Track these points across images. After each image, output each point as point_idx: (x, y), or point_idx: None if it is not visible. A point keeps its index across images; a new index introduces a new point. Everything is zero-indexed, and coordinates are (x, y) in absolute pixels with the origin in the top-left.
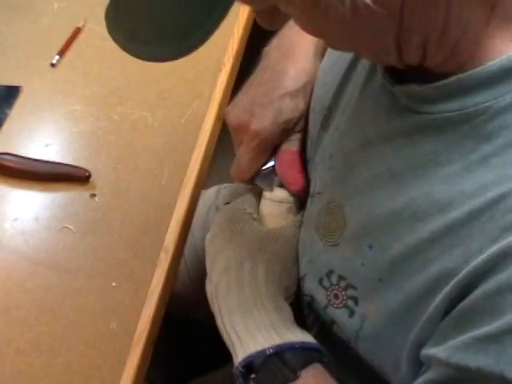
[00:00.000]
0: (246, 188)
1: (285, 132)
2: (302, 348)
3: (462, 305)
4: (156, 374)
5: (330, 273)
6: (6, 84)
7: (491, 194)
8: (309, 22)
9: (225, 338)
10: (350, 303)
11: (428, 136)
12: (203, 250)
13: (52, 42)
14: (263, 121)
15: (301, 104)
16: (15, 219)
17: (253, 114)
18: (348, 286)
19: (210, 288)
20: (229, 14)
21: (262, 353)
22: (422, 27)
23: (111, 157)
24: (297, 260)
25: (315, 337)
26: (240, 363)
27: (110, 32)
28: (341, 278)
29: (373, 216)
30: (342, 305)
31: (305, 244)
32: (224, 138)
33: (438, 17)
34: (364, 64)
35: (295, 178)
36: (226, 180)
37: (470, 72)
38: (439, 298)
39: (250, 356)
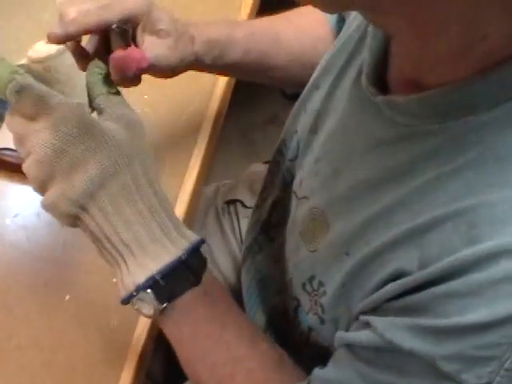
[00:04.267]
0: (244, 185)
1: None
2: (198, 248)
3: (409, 298)
4: (156, 369)
5: (311, 278)
6: None
7: (458, 204)
8: None
9: (114, 255)
10: (320, 310)
11: (408, 146)
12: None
13: None
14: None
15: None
16: (16, 215)
17: None
18: (324, 293)
19: (68, 216)
20: (232, 10)
21: (177, 260)
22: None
23: None
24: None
25: (299, 341)
26: (156, 273)
27: None
28: (321, 284)
29: (351, 224)
30: (315, 312)
31: (290, 248)
32: (224, 135)
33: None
34: (353, 70)
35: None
36: (224, 178)
37: (452, 86)
38: (387, 289)
39: (166, 265)
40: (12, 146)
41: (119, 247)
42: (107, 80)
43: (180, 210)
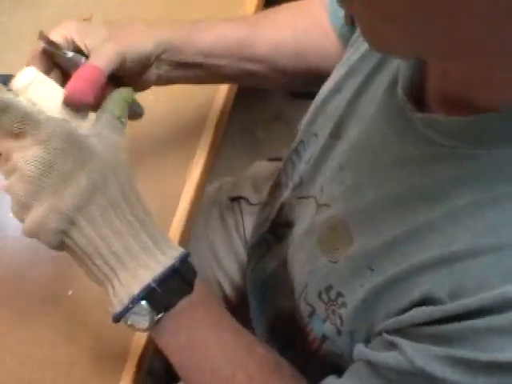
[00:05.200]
0: (248, 182)
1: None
2: (186, 257)
3: (442, 327)
4: (157, 365)
5: (328, 288)
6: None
7: (499, 237)
8: None
9: (104, 270)
10: (338, 322)
11: (442, 168)
12: (205, 245)
13: None
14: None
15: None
16: None
17: None
18: (343, 304)
19: (62, 222)
20: (236, 6)
21: (170, 268)
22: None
23: None
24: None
25: (308, 347)
26: (152, 281)
27: None
28: (339, 294)
29: (376, 240)
30: (333, 322)
31: (305, 254)
32: (227, 133)
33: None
34: (383, 80)
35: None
36: (227, 175)
37: (502, 113)
38: (416, 313)
39: (161, 274)
40: None
41: (110, 260)
42: (125, 108)
43: (183, 206)
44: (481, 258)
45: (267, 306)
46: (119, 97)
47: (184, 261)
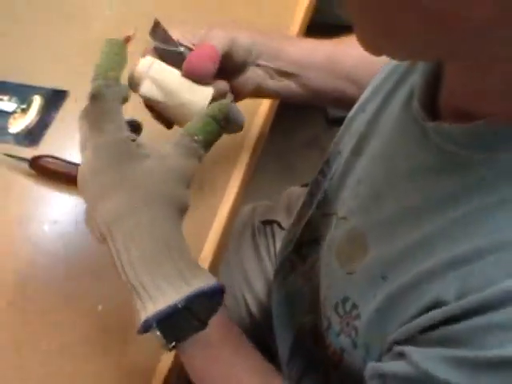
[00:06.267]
0: (281, 207)
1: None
2: (209, 293)
3: (446, 328)
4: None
5: (345, 300)
6: (55, 87)
7: (503, 236)
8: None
9: (129, 288)
10: (353, 333)
11: (452, 176)
12: (236, 265)
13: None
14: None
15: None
16: (55, 222)
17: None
18: (358, 316)
19: (97, 234)
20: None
21: (172, 307)
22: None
23: None
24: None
25: (330, 361)
26: (151, 318)
27: None
28: (354, 306)
29: (390, 249)
30: (348, 334)
31: (325, 267)
32: (262, 158)
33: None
34: (401, 95)
35: (201, 58)
36: (261, 198)
37: (501, 118)
38: (422, 319)
39: (160, 311)
40: (55, 154)
41: (133, 281)
42: (213, 130)
43: (217, 228)
44: (485, 257)
45: (290, 323)
46: (206, 117)
47: (198, 296)
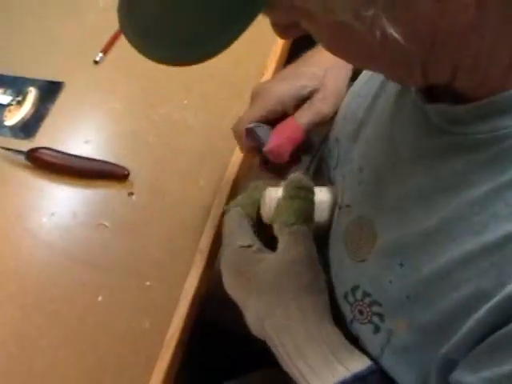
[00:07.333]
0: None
1: (299, 97)
2: (365, 376)
3: (500, 332)
4: (186, 376)
5: (354, 288)
6: (50, 79)
7: None
8: (330, 42)
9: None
10: (376, 319)
11: (459, 157)
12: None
13: (96, 39)
14: (281, 84)
15: (319, 72)
16: (52, 214)
17: (275, 82)
18: (373, 303)
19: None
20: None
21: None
22: (452, 57)
23: (150, 156)
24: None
25: None
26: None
27: (122, 27)
28: (365, 294)
29: (404, 234)
30: (366, 321)
31: (332, 256)
32: None
33: (471, 47)
34: None
35: (281, 147)
36: None
37: (501, 94)
38: (474, 320)
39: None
40: (51, 146)
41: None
42: (302, 209)
43: (215, 216)
44: None
45: None
46: (289, 204)
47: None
